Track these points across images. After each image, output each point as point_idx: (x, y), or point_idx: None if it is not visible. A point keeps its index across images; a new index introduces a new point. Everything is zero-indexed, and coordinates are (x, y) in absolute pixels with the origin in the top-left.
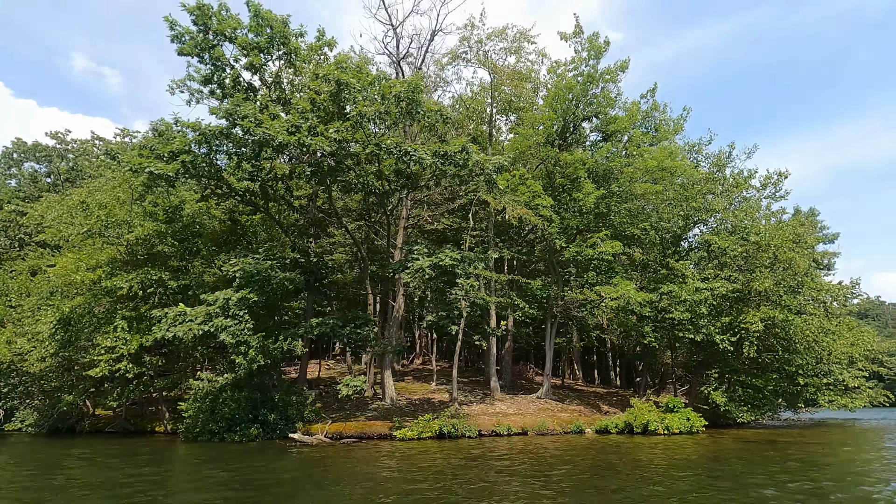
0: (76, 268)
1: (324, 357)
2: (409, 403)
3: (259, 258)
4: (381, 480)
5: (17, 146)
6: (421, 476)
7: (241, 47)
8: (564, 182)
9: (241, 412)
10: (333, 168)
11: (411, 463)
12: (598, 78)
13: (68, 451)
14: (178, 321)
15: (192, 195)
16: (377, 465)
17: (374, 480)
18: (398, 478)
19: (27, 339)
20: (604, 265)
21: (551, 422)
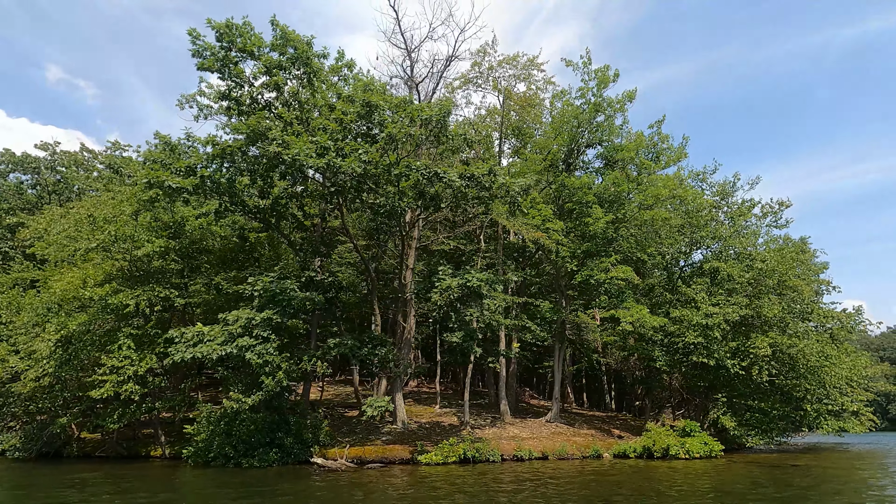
0: (84, 283)
1: (312, 378)
2: (420, 427)
3: (273, 276)
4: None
5: (5, 157)
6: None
7: (264, 65)
8: (573, 206)
9: (258, 435)
10: (355, 188)
11: (456, 488)
12: (605, 107)
13: (70, 478)
14: (198, 341)
15: (192, 211)
16: (420, 490)
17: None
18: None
19: (19, 357)
20: (614, 289)
21: (570, 446)
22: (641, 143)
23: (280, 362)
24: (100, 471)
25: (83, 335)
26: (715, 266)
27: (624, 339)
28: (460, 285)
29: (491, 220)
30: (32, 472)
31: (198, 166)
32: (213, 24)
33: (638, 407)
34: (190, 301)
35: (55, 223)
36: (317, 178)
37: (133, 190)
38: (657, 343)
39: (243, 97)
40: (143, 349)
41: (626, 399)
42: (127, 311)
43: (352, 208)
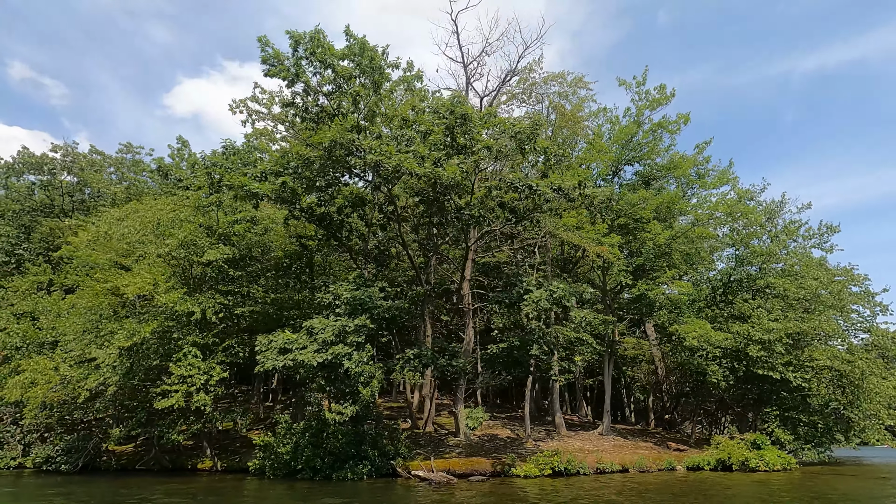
0: (154, 288)
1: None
2: (480, 439)
3: (350, 285)
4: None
5: (23, 157)
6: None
7: (340, 75)
8: (626, 221)
9: (347, 448)
10: (437, 199)
11: (591, 500)
12: (657, 128)
13: (147, 494)
14: (287, 349)
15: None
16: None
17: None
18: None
19: (69, 364)
20: (668, 304)
21: (646, 460)
22: (690, 164)
23: (374, 371)
24: (164, 485)
25: (150, 343)
26: (770, 282)
27: (682, 354)
28: (549, 296)
29: (547, 232)
30: (94, 487)
31: (278, 172)
32: (294, 35)
33: (668, 420)
34: (252, 309)
35: (116, 226)
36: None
37: (196, 195)
38: (714, 357)
39: (310, 104)
40: (208, 358)
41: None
42: (193, 319)
43: (423, 221)
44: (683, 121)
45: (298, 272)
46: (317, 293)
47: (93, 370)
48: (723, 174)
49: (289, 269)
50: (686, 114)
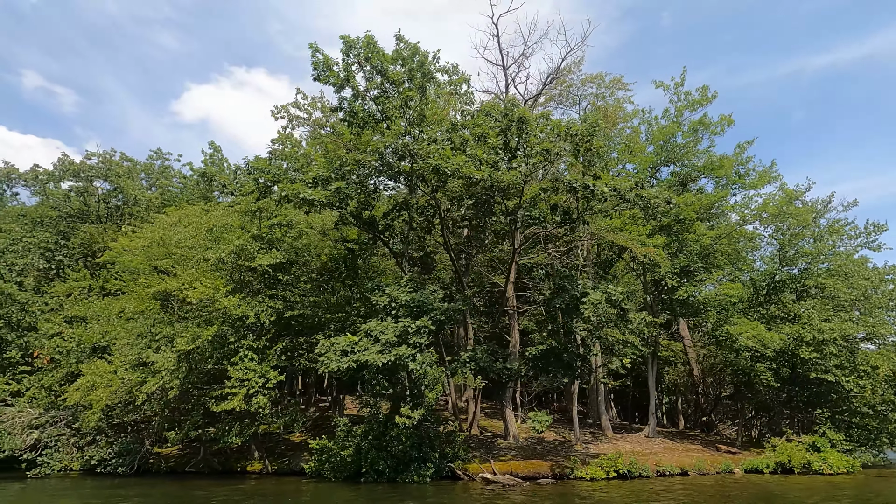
0: (215, 293)
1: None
2: (529, 442)
3: (407, 287)
4: None
5: (64, 164)
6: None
7: (391, 80)
8: (670, 222)
9: (410, 450)
10: (488, 202)
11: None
12: (698, 129)
13: (229, 498)
14: (353, 350)
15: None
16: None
17: None
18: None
19: (126, 368)
20: (717, 305)
21: (704, 463)
22: (732, 164)
23: (438, 374)
24: (226, 487)
25: (205, 347)
26: (820, 282)
27: (730, 355)
28: (607, 298)
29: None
30: (159, 488)
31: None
32: (347, 40)
33: (706, 423)
34: (301, 312)
35: (169, 231)
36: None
37: (246, 201)
38: (764, 359)
39: (357, 109)
40: (262, 362)
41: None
42: (248, 322)
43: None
44: (727, 122)
45: (343, 276)
46: (370, 296)
47: (149, 374)
48: (764, 173)
49: (333, 272)
50: (729, 115)
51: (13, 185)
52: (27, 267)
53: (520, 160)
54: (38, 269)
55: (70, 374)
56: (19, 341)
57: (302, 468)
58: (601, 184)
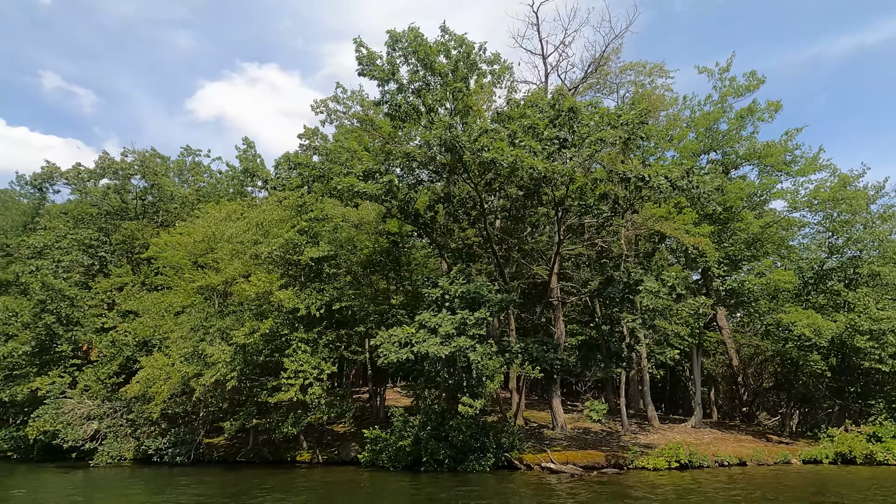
0: (271, 285)
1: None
2: (576, 432)
3: (461, 279)
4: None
5: (104, 161)
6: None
7: (437, 72)
8: (717, 210)
9: (469, 440)
10: (537, 192)
11: (748, 492)
12: (745, 115)
13: (288, 485)
14: (411, 341)
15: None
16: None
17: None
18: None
19: (182, 360)
20: (765, 293)
21: (763, 453)
22: (781, 151)
23: (497, 365)
24: (282, 476)
25: (257, 340)
26: (875, 270)
27: (778, 344)
28: (663, 285)
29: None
30: (218, 477)
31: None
32: (394, 34)
33: (746, 413)
34: (348, 305)
35: (224, 226)
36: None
37: (293, 195)
38: (816, 348)
39: (401, 102)
40: (315, 353)
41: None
42: (298, 315)
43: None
44: (775, 108)
45: (386, 269)
46: (422, 289)
47: (204, 366)
48: (813, 160)
49: (376, 265)
50: (777, 101)
51: (55, 184)
52: (72, 263)
53: (572, 150)
54: (83, 265)
55: (122, 366)
56: (67, 335)
57: (352, 457)
58: (655, 172)
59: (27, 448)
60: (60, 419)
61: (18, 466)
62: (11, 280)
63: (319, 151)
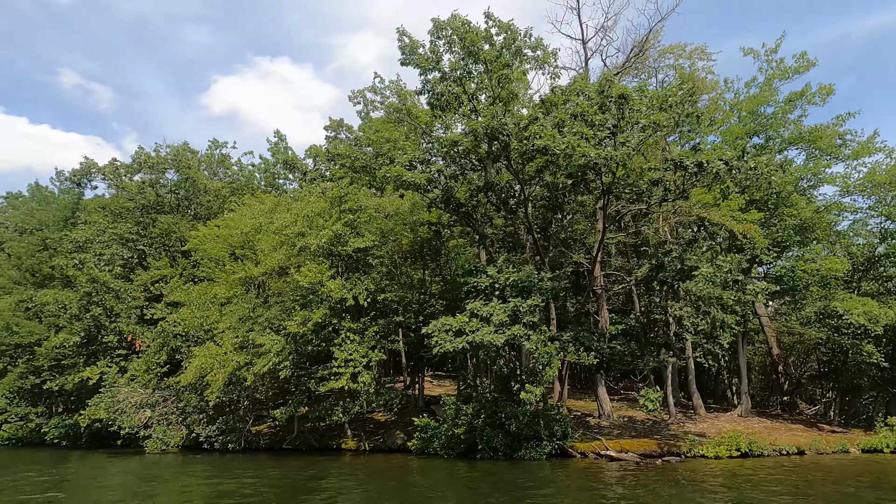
0: (321, 276)
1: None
2: (622, 421)
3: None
4: None
5: (141, 157)
6: None
7: (483, 60)
8: (766, 195)
9: (523, 429)
10: (584, 179)
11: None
12: (796, 98)
13: (345, 470)
14: (465, 330)
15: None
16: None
17: None
18: None
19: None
20: (816, 280)
21: (821, 442)
22: (833, 135)
23: (553, 352)
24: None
25: (311, 329)
26: None
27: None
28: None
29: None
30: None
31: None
32: (436, 22)
33: (787, 402)
34: (397, 294)
35: (270, 218)
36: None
37: (337, 186)
38: (868, 336)
39: (443, 90)
40: (363, 343)
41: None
42: (347, 305)
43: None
44: (827, 92)
45: (426, 259)
46: (470, 278)
47: (254, 355)
48: (867, 143)
49: (417, 255)
50: (830, 85)
51: (92, 179)
52: (113, 256)
53: (623, 136)
54: (123, 258)
55: (170, 356)
56: (111, 326)
57: (399, 445)
58: (707, 156)
59: (76, 435)
60: (116, 407)
61: (71, 453)
62: (56, 274)
63: (361, 142)
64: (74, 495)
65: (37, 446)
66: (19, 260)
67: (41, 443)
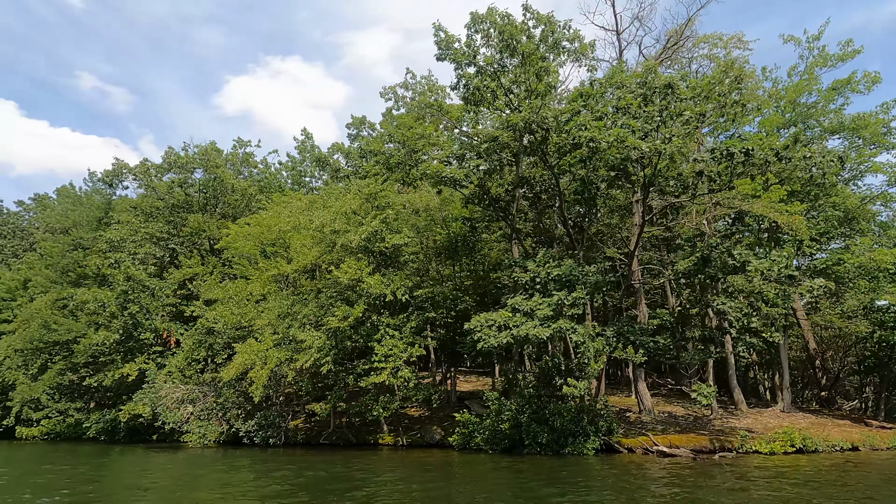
0: (361, 272)
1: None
2: (663, 416)
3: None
4: None
5: (170, 157)
6: None
7: (521, 54)
8: (808, 186)
9: (569, 424)
10: (626, 172)
11: None
12: (841, 86)
13: (397, 467)
14: (511, 325)
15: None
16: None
17: None
18: None
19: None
20: (862, 273)
21: (876, 438)
22: (879, 124)
23: (600, 346)
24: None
25: (350, 325)
26: None
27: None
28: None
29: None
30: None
31: (452, 157)
32: (474, 15)
33: (825, 398)
34: (434, 290)
35: (308, 215)
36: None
37: (371, 184)
38: None
39: (478, 85)
40: (402, 339)
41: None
42: (387, 301)
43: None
44: (871, 80)
45: (460, 254)
46: (511, 273)
47: (294, 351)
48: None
49: (451, 251)
50: (876, 73)
51: (123, 180)
52: (146, 255)
53: (670, 128)
54: (155, 256)
55: (209, 352)
56: (147, 323)
57: (437, 440)
58: (761, 145)
59: (114, 430)
60: (160, 403)
61: (111, 448)
62: (89, 273)
63: (384, 138)
64: (159, 487)
65: (74, 441)
66: (51, 259)
67: (78, 437)
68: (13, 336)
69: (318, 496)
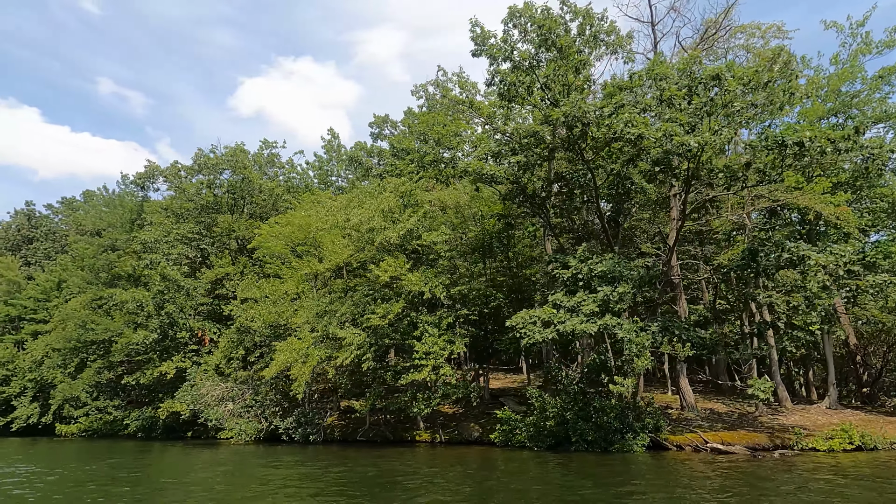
0: (400, 270)
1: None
2: (705, 413)
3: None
4: None
5: (200, 159)
6: None
7: (558, 48)
8: (854, 177)
9: (614, 421)
10: (669, 166)
11: None
12: (887, 75)
13: (441, 465)
14: (556, 321)
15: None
16: None
17: None
18: None
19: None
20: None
21: None
22: None
23: (646, 342)
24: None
25: (389, 322)
26: None
27: None
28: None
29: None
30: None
31: (490, 153)
32: (512, 10)
33: (866, 395)
34: (470, 287)
35: (349, 213)
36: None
37: (405, 182)
38: None
39: (514, 80)
40: (441, 336)
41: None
42: (425, 298)
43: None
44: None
45: (496, 251)
46: (553, 269)
47: (334, 349)
48: None
49: (487, 247)
50: None
51: (154, 182)
52: (179, 256)
53: (717, 121)
54: (188, 257)
55: (246, 350)
56: (182, 323)
57: (475, 437)
58: (816, 135)
59: (151, 427)
60: (201, 401)
61: (150, 444)
62: (124, 273)
63: (426, 136)
64: (227, 483)
65: (111, 437)
66: (83, 261)
67: (114, 434)
68: (50, 335)
69: (385, 490)
